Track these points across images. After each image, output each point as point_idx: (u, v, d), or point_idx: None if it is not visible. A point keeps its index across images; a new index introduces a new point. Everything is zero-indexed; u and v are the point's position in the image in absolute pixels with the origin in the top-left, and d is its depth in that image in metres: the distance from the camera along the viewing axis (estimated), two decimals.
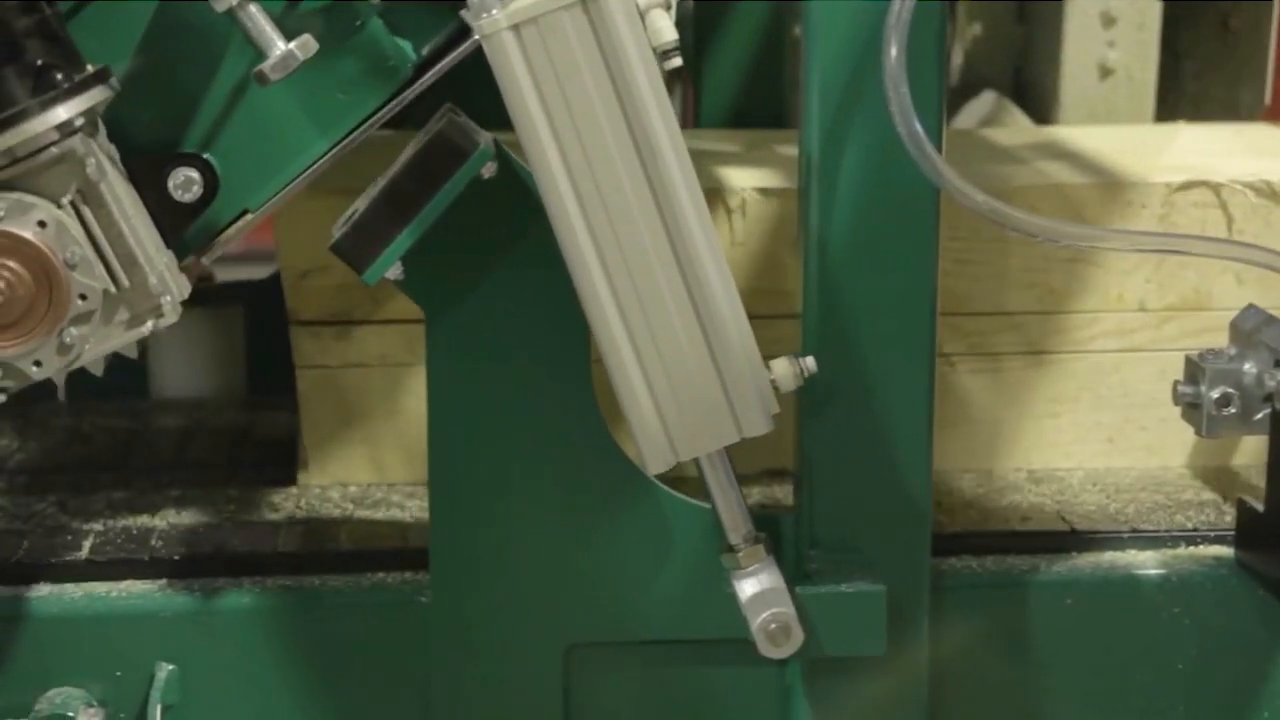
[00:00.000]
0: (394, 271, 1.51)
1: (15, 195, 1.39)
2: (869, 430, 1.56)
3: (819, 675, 1.61)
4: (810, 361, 1.49)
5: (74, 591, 1.62)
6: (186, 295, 1.47)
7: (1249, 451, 1.88)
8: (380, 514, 1.78)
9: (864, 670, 1.60)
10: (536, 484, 1.57)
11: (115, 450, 1.96)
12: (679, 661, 1.63)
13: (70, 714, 1.56)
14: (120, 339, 1.44)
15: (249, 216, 1.52)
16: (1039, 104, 2.33)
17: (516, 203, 1.48)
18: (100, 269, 1.42)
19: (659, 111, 1.41)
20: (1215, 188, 1.83)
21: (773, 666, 1.60)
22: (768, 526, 1.57)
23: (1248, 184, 1.83)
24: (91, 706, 1.58)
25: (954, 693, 1.66)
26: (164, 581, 1.63)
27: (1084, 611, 1.66)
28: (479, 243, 1.53)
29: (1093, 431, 1.86)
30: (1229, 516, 1.73)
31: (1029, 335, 1.84)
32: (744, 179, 1.84)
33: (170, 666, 1.60)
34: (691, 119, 2.29)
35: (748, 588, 1.54)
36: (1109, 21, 2.25)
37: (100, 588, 1.62)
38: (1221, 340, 1.63)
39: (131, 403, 2.10)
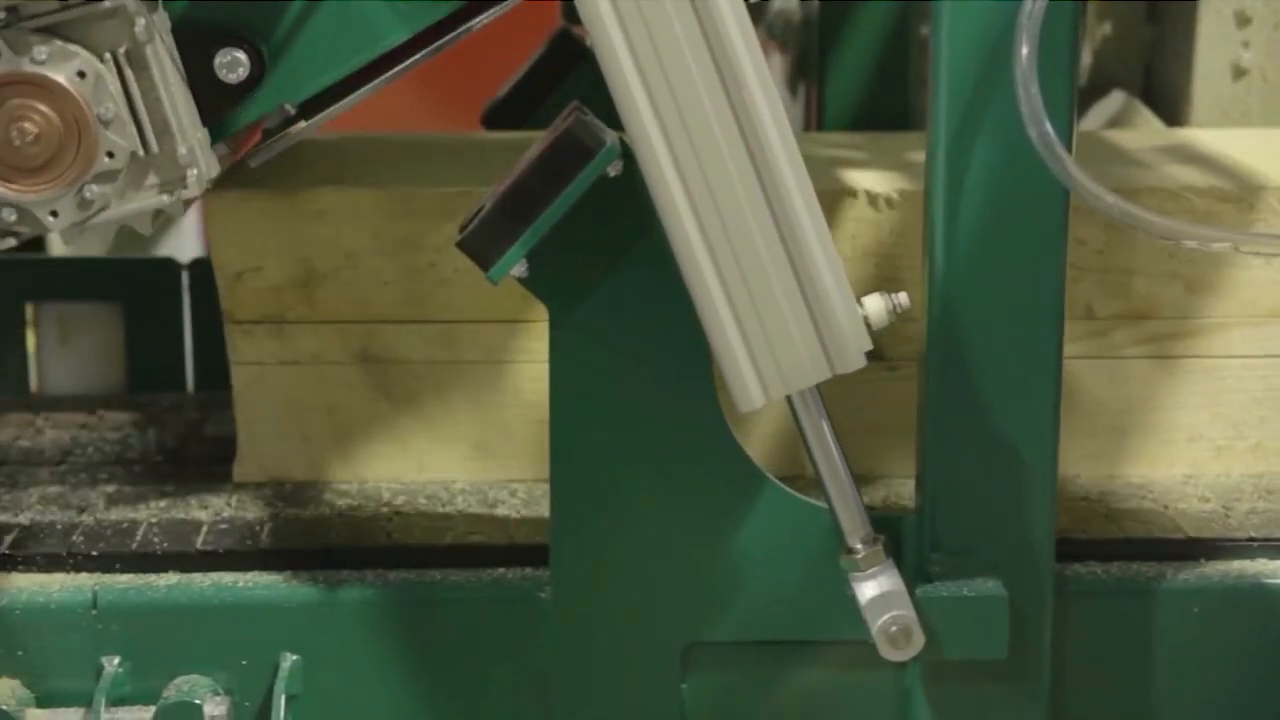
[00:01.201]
0: (518, 269, 1.51)
1: (60, 42, 1.40)
2: (993, 433, 1.55)
3: (939, 678, 1.60)
4: (903, 297, 1.48)
5: (201, 581, 1.64)
6: (214, 174, 1.47)
7: None
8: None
9: (985, 674, 1.59)
10: (657, 481, 1.58)
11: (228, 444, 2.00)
12: (797, 662, 1.62)
13: (197, 701, 1.58)
14: (140, 204, 1.44)
15: (302, 124, 1.52)
16: (1170, 105, 2.30)
17: (642, 200, 1.48)
18: (132, 129, 1.42)
19: (743, 40, 1.41)
20: None
21: (892, 669, 1.59)
22: (888, 528, 1.56)
23: None
24: (218, 695, 1.60)
25: (1076, 700, 1.65)
26: (289, 572, 1.66)
27: (1212, 621, 1.64)
28: (604, 241, 1.53)
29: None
30: None
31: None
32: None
33: (294, 657, 1.62)
34: (815, 121, 2.28)
35: (867, 590, 1.53)
36: (1243, 21, 2.21)
37: (227, 578, 1.65)
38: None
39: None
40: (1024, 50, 1.43)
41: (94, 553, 1.67)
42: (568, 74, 2.27)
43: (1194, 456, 1.84)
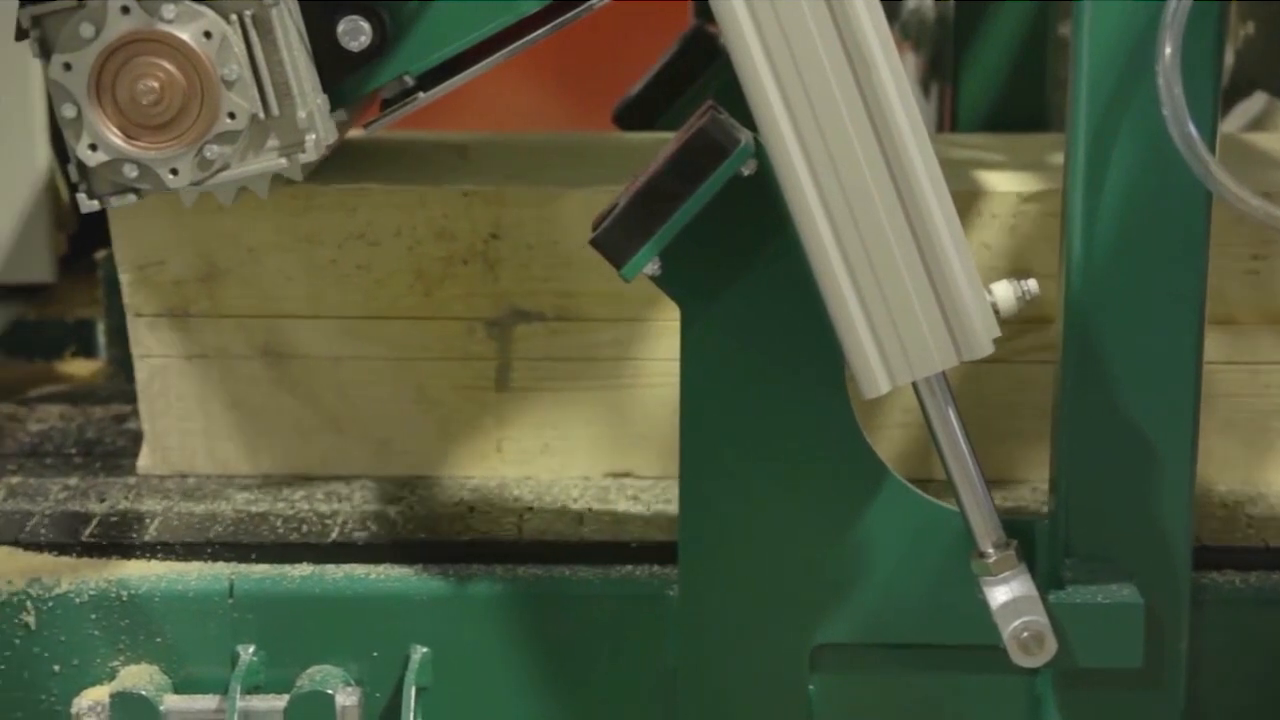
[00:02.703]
0: (651, 267, 1.52)
1: (188, 2, 1.43)
2: (1129, 437, 1.53)
3: (1071, 686, 1.58)
4: (1033, 284, 1.46)
5: (334, 573, 1.66)
6: (332, 140, 1.49)
7: None
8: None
9: (1118, 683, 1.57)
10: (788, 482, 1.57)
11: None
12: (926, 666, 1.61)
13: (329, 691, 1.60)
14: (259, 166, 1.47)
15: (421, 96, 1.52)
16: None
17: (775, 199, 1.48)
18: (254, 91, 1.45)
19: (877, 37, 1.40)
20: None
21: (1023, 675, 1.58)
22: (1020, 533, 1.54)
23: None
24: (349, 685, 1.62)
25: (1211, 711, 1.62)
26: (419, 566, 1.67)
27: None
28: (737, 240, 1.53)
29: None
30: None
31: None
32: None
33: (424, 649, 1.64)
34: (949, 122, 2.27)
35: (999, 595, 1.52)
36: None
37: (359, 569, 1.67)
38: None
39: None
40: (1167, 50, 1.41)
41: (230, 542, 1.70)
42: (701, 72, 2.27)
43: None
